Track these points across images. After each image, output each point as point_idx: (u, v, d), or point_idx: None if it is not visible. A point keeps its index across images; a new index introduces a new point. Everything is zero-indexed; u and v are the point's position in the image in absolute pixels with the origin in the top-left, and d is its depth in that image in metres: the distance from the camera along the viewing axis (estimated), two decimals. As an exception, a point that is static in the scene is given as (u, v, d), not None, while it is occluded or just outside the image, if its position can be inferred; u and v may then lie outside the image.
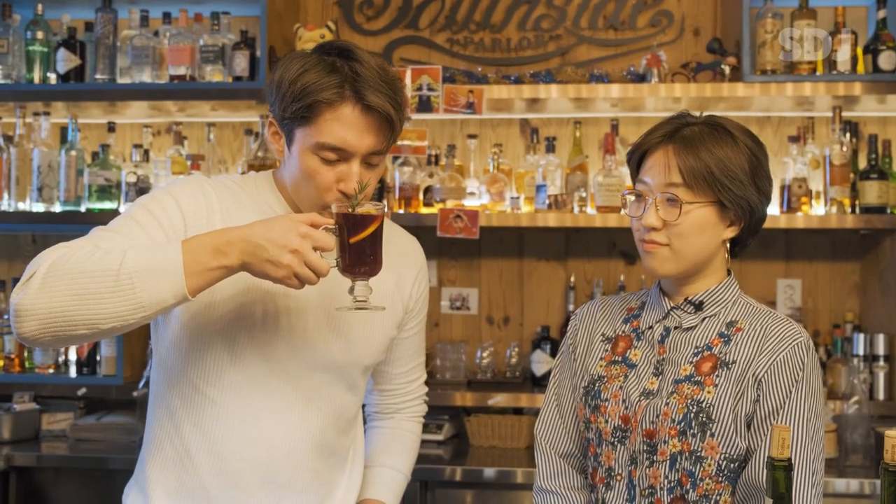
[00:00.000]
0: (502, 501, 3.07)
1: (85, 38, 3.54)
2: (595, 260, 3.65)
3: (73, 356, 3.51)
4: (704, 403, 1.69)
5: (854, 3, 3.45)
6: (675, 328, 1.80)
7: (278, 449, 1.79)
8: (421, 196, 3.40)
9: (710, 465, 1.68)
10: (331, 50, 1.72)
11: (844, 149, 3.30)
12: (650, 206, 1.75)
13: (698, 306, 1.79)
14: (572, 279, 3.61)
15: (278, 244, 1.51)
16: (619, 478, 1.74)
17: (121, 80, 3.48)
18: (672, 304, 1.81)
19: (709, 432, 1.68)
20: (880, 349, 3.30)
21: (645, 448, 1.71)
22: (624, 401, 1.75)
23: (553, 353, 3.45)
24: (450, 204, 3.34)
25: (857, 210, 3.29)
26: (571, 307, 3.56)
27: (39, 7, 3.50)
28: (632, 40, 3.67)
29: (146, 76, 3.45)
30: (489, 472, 3.06)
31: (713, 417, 1.68)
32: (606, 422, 1.76)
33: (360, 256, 1.61)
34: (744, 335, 1.76)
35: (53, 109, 3.58)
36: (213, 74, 3.42)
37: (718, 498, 1.69)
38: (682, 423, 1.68)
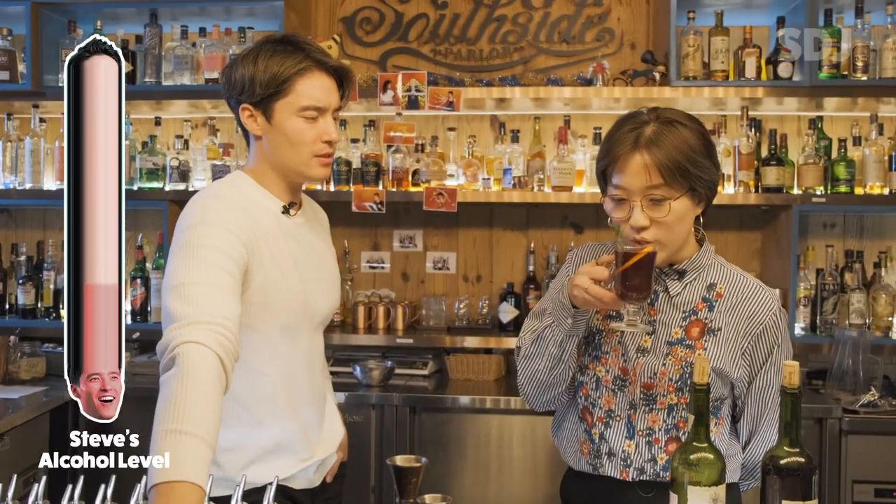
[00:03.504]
0: (475, 423, 3.09)
1: (136, 48, 3.48)
2: (550, 230, 3.65)
3: (127, 307, 3.48)
4: None
5: (759, 23, 3.45)
6: (663, 292, 1.69)
7: (307, 390, 1.82)
8: (410, 178, 3.38)
9: None
10: (276, 41, 1.74)
11: (750, 141, 3.31)
12: (636, 208, 1.58)
13: (682, 274, 1.68)
14: (532, 245, 3.60)
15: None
16: (618, 419, 1.69)
17: (165, 83, 3.43)
18: (658, 269, 1.66)
19: None
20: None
21: (642, 397, 1.67)
22: (623, 355, 1.68)
23: (517, 305, 3.46)
24: (433, 184, 3.32)
25: (760, 190, 3.30)
26: (531, 268, 3.56)
27: (98, 23, 3.44)
28: (581, 52, 3.65)
29: (186, 79, 3.40)
30: (464, 399, 3.08)
31: None
32: (607, 371, 1.69)
33: (628, 285, 1.54)
34: (724, 302, 1.68)
35: (110, 106, 3.52)
36: (241, 78, 3.37)
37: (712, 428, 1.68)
38: (679, 382, 1.65)
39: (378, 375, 3.18)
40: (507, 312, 3.46)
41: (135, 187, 3.42)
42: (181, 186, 3.39)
